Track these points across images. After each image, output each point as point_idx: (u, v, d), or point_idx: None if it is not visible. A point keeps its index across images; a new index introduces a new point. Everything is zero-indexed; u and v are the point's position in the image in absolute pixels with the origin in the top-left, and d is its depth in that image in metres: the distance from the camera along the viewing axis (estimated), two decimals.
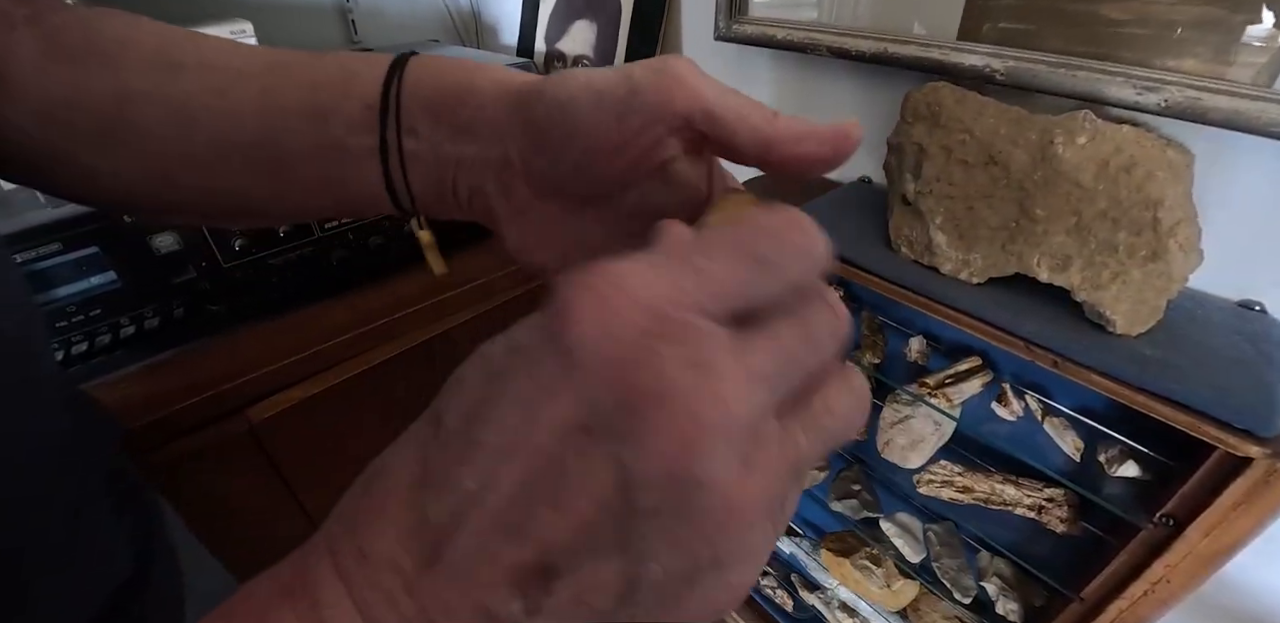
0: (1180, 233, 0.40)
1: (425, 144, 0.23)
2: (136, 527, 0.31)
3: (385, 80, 0.23)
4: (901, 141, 0.50)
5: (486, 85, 0.22)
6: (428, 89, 0.23)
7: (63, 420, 0.26)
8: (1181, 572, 0.45)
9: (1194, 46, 0.40)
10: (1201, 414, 0.37)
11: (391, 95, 0.23)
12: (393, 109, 0.23)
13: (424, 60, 0.24)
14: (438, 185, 0.24)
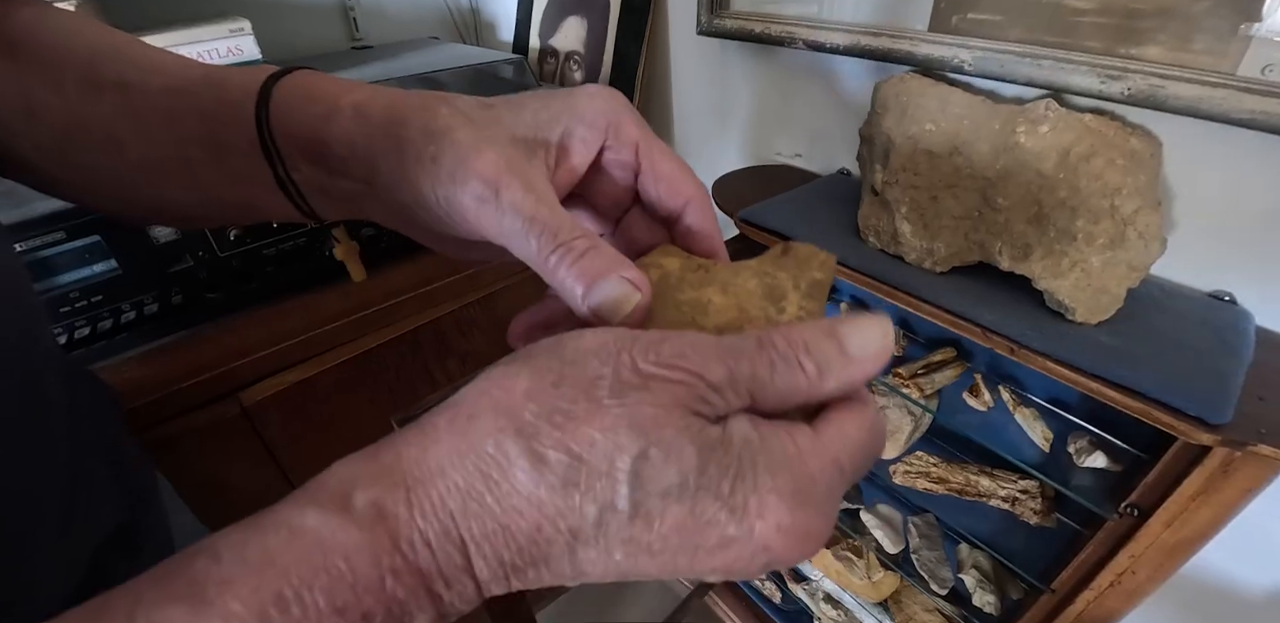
0: (1140, 221, 0.40)
1: (312, 183, 0.24)
2: (129, 494, 0.33)
3: (255, 115, 0.23)
4: (872, 132, 0.51)
5: (339, 138, 0.22)
6: (294, 129, 0.23)
7: (57, 391, 0.28)
8: (1146, 563, 0.45)
9: (1156, 34, 0.40)
10: (1154, 401, 0.37)
11: (265, 135, 0.23)
12: (272, 149, 0.23)
13: (285, 97, 0.23)
14: (346, 210, 0.25)
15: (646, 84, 0.79)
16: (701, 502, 0.14)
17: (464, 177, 0.19)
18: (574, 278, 0.18)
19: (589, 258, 0.18)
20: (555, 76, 0.90)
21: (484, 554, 0.14)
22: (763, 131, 0.71)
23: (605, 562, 0.15)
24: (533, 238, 0.19)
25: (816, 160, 0.67)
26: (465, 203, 0.19)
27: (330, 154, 0.22)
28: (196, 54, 0.72)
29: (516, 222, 0.19)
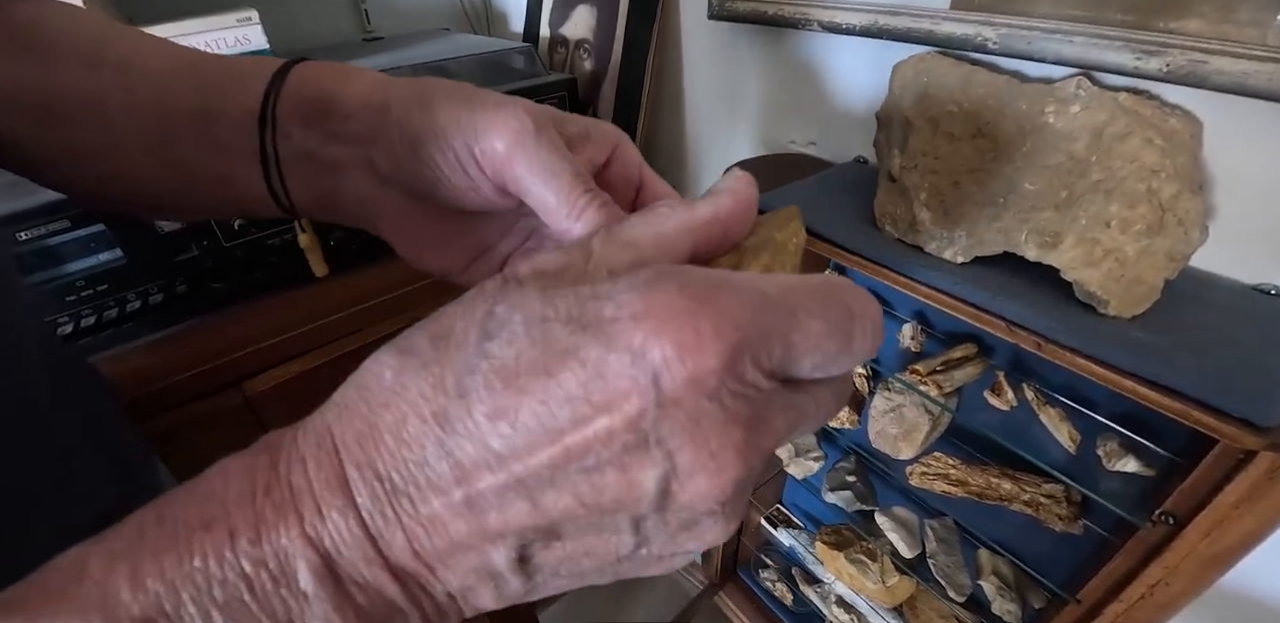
0: (1180, 207, 0.37)
1: (299, 149, 0.24)
2: (125, 479, 0.33)
3: (267, 88, 0.24)
4: (889, 115, 0.48)
5: (352, 94, 0.24)
6: (301, 97, 0.24)
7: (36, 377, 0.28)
8: (1182, 574, 0.42)
9: (1197, 5, 0.37)
10: (1194, 401, 0.34)
11: (270, 103, 0.24)
12: (269, 116, 0.24)
13: (307, 68, 0.25)
14: (317, 189, 0.25)
15: (657, 72, 0.77)
16: (552, 332, 0.13)
17: (504, 117, 0.20)
18: (602, 218, 0.19)
19: (611, 207, 0.20)
20: (565, 65, 0.89)
21: (356, 463, 0.13)
22: (776, 119, 0.69)
23: (481, 452, 0.13)
24: (568, 176, 0.19)
25: (831, 148, 0.65)
26: (497, 146, 0.20)
27: (335, 111, 0.23)
28: (205, 43, 0.72)
29: (554, 157, 0.20)
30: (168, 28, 0.69)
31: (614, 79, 0.79)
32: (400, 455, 0.13)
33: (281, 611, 0.13)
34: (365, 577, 0.13)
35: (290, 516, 0.13)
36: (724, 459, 0.13)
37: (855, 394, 0.65)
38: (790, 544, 0.84)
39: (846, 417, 0.64)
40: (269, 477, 0.13)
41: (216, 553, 0.12)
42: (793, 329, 0.13)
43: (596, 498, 0.13)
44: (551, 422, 0.12)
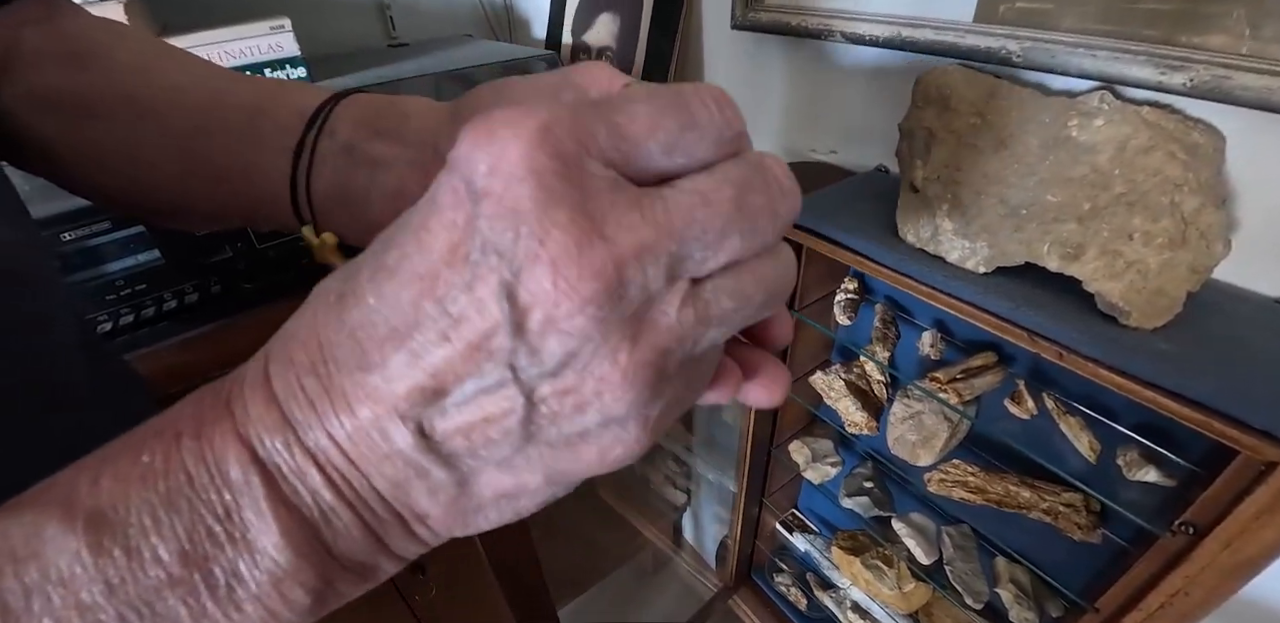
0: (1202, 220, 0.37)
1: (341, 143, 0.25)
2: None
3: (329, 97, 0.26)
4: (912, 127, 0.49)
5: (413, 102, 0.26)
6: (359, 104, 0.26)
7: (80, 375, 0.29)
8: (1202, 584, 0.43)
9: (1222, 21, 0.37)
10: (1215, 412, 0.35)
11: (327, 106, 0.26)
12: (323, 115, 0.25)
13: (366, 94, 0.27)
14: (347, 182, 0.26)
15: (679, 79, 0.78)
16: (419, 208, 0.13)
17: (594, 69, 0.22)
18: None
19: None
20: None
21: (277, 359, 0.14)
22: (798, 128, 0.70)
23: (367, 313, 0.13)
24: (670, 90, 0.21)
25: (853, 157, 0.66)
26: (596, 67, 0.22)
27: (392, 111, 0.25)
28: (239, 51, 0.74)
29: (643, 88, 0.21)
30: (202, 35, 0.71)
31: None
32: (309, 342, 0.13)
33: (219, 503, 0.13)
34: (289, 465, 0.13)
35: (224, 416, 0.14)
36: (557, 246, 0.11)
37: (873, 400, 0.65)
38: (805, 549, 0.85)
39: (864, 422, 0.64)
40: (215, 391, 0.15)
41: (164, 452, 0.13)
42: (612, 112, 0.12)
43: (461, 333, 0.12)
44: (411, 263, 0.12)
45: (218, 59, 0.73)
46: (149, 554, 0.13)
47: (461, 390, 0.12)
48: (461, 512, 0.14)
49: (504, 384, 0.12)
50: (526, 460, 0.14)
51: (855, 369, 0.66)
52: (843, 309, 0.61)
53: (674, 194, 0.13)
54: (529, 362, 0.12)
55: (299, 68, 0.78)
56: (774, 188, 0.14)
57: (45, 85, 0.28)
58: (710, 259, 0.13)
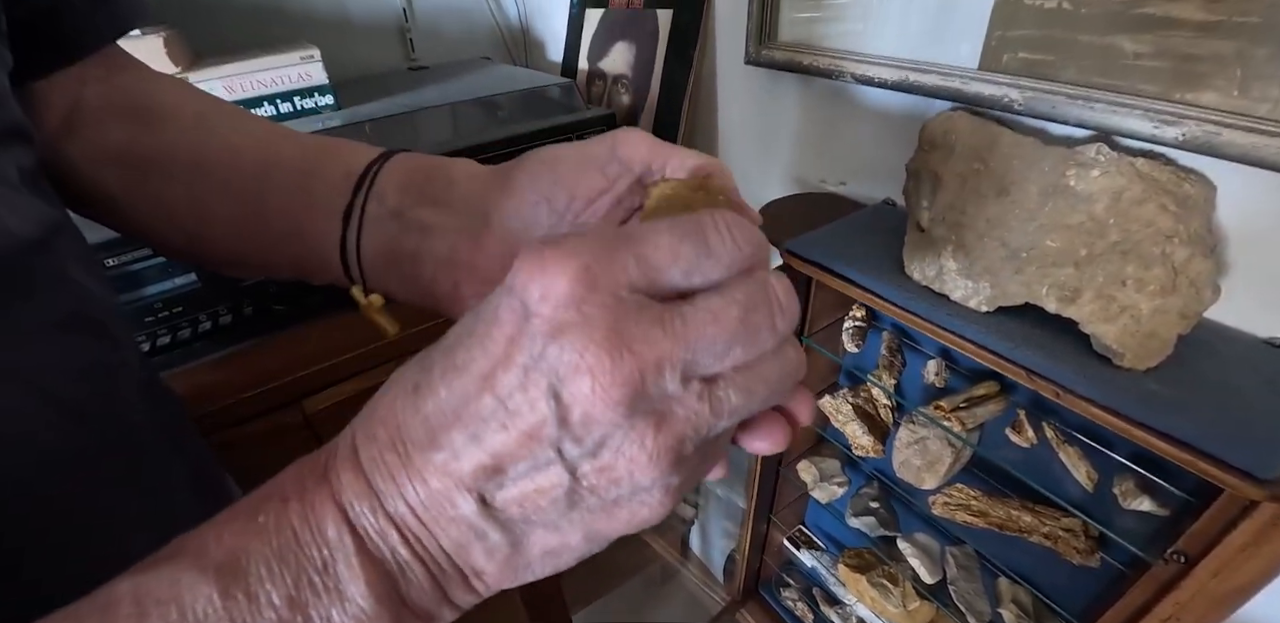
0: (1192, 269, 0.40)
1: (390, 208, 0.27)
2: (208, 495, 0.36)
3: (375, 158, 0.27)
4: (919, 168, 0.51)
5: (459, 167, 0.27)
6: (405, 167, 0.27)
7: (142, 403, 0.30)
8: (1192, 611, 0.45)
9: (1213, 80, 0.40)
10: (1201, 452, 0.37)
11: (374, 168, 0.27)
12: (369, 178, 0.27)
13: (411, 154, 0.28)
14: (396, 247, 0.27)
15: (693, 110, 0.80)
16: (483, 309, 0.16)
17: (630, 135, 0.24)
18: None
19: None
20: (603, 98, 0.93)
21: (364, 435, 0.17)
22: (808, 160, 0.72)
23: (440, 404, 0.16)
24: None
25: (861, 189, 0.68)
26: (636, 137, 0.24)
27: (438, 177, 0.27)
28: (270, 80, 0.77)
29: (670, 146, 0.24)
30: (236, 66, 0.74)
31: (650, 115, 0.83)
32: (389, 422, 0.16)
33: (319, 558, 0.16)
34: (374, 526, 0.16)
35: (323, 483, 0.17)
36: (594, 359, 0.14)
37: (879, 424, 0.68)
38: (812, 565, 0.87)
39: (871, 445, 0.66)
40: (314, 462, 0.17)
41: (275, 514, 0.16)
42: (640, 244, 0.15)
43: (516, 424, 0.15)
44: (477, 365, 0.15)
45: (250, 88, 0.76)
46: (264, 599, 0.15)
47: (516, 469, 0.16)
48: (513, 568, 0.17)
49: (551, 463, 0.15)
50: (569, 523, 0.17)
51: (862, 394, 0.68)
52: (851, 336, 0.64)
53: (690, 312, 0.15)
54: (572, 446, 0.15)
55: (327, 95, 0.81)
56: (775, 306, 0.17)
57: (109, 143, 0.30)
58: (718, 364, 0.16)
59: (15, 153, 0.25)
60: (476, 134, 0.78)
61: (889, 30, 0.56)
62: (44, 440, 0.23)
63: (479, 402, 0.15)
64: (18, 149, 0.25)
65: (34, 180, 0.26)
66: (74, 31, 0.30)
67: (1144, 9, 0.41)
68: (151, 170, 0.30)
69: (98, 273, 0.29)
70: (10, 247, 0.22)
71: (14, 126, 0.25)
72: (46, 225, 0.25)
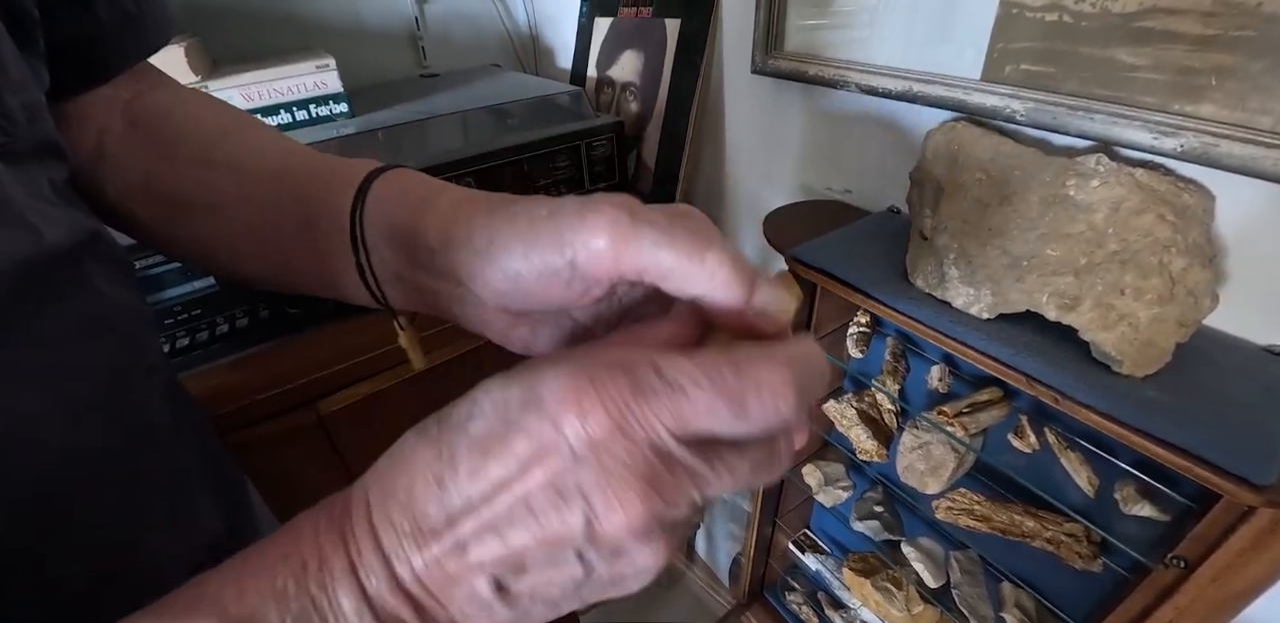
0: (1189, 279, 0.40)
1: (390, 269, 0.26)
2: (227, 496, 0.37)
3: (351, 208, 0.26)
4: (922, 178, 0.52)
5: (434, 225, 0.24)
6: (385, 224, 0.26)
7: (161, 401, 0.31)
8: (1191, 616, 0.45)
9: (1211, 92, 0.41)
10: (1197, 458, 0.37)
11: (357, 223, 0.26)
12: (360, 239, 0.26)
13: (385, 185, 0.26)
14: (414, 303, 0.27)
15: (700, 117, 0.82)
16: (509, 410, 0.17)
17: (594, 206, 0.20)
18: (741, 281, 0.19)
19: (742, 261, 0.19)
20: (611, 105, 0.94)
21: (383, 515, 0.17)
22: (814, 167, 0.73)
23: (464, 502, 0.17)
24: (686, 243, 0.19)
25: (866, 197, 0.69)
26: (599, 228, 0.19)
27: (420, 244, 0.24)
28: (286, 88, 0.79)
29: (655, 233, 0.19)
30: (253, 74, 0.76)
31: (659, 122, 0.85)
32: (410, 509, 0.17)
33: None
34: (388, 602, 0.17)
35: (340, 552, 0.17)
36: (627, 502, 0.16)
37: (884, 429, 0.68)
38: (816, 569, 0.87)
39: (875, 450, 0.67)
40: (328, 524, 0.18)
41: (295, 577, 0.17)
42: (678, 399, 0.16)
43: (544, 534, 0.16)
44: (507, 476, 0.16)
45: (266, 96, 0.78)
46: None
47: (536, 565, 0.17)
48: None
49: (570, 563, 0.17)
50: (572, 600, 0.19)
51: (867, 398, 0.69)
52: (855, 342, 0.65)
53: (711, 468, 0.17)
54: (594, 555, 0.17)
55: (342, 103, 0.83)
56: (779, 467, 0.19)
57: (135, 176, 0.31)
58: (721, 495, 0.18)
59: (50, 167, 0.26)
60: (487, 142, 0.79)
61: (893, 41, 0.57)
62: (66, 442, 0.24)
63: (505, 504, 0.17)
64: (52, 164, 0.26)
65: (67, 193, 0.27)
66: (104, 53, 0.31)
67: (1143, 22, 0.42)
68: (174, 209, 0.31)
69: (127, 280, 0.30)
70: (41, 256, 0.23)
71: (49, 142, 0.26)
72: (78, 235, 0.26)
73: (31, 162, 0.24)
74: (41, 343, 0.23)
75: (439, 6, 1.04)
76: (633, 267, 0.20)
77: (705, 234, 0.19)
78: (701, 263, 0.19)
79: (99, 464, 0.26)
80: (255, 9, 0.90)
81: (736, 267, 0.19)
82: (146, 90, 0.33)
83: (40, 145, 0.25)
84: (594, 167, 0.85)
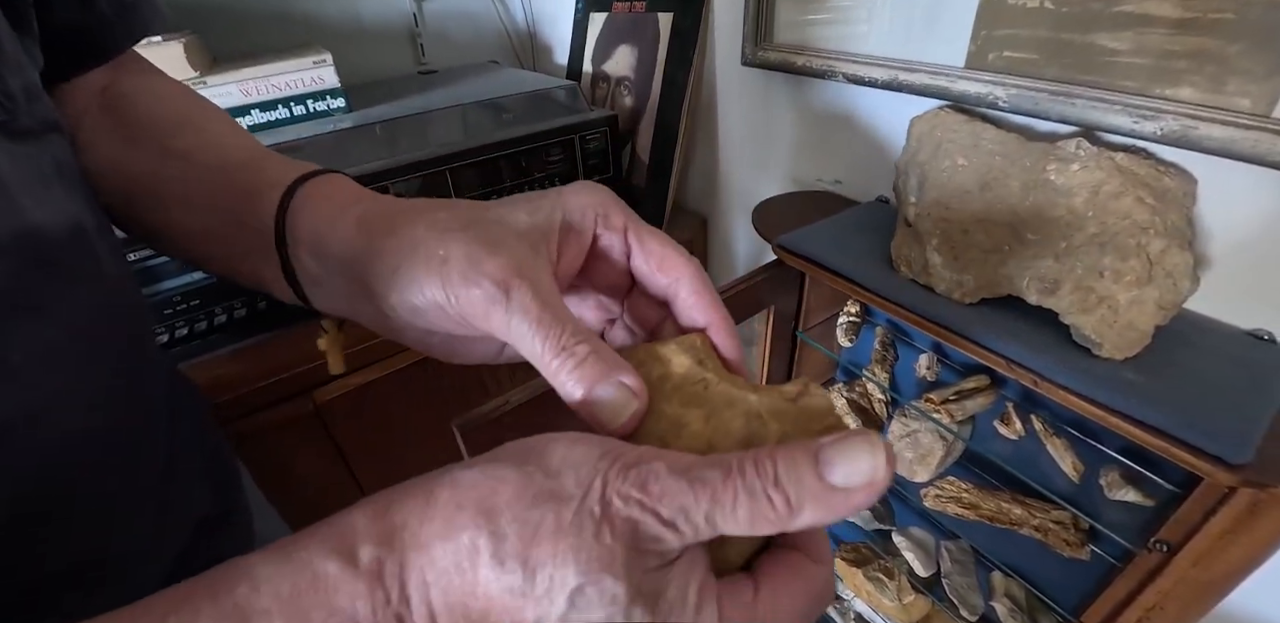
0: (1168, 260, 0.40)
1: (310, 273, 0.26)
2: (218, 478, 0.38)
3: (277, 207, 0.26)
4: (907, 165, 0.53)
5: (341, 237, 0.24)
6: (304, 226, 0.26)
7: (161, 387, 0.32)
8: (1175, 599, 0.45)
9: (1190, 76, 0.41)
10: (1175, 439, 0.38)
11: (280, 225, 0.26)
12: (284, 243, 0.26)
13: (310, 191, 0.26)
14: (334, 308, 0.27)
15: (693, 110, 0.82)
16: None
17: (476, 278, 0.20)
18: (574, 382, 0.20)
19: (589, 364, 0.20)
20: (606, 99, 0.95)
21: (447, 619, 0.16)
22: (804, 158, 0.73)
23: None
24: (538, 341, 0.20)
25: (856, 187, 0.69)
26: (476, 302, 0.20)
27: (330, 254, 0.25)
28: (284, 84, 0.80)
29: (523, 325, 0.20)
30: (251, 70, 0.77)
31: (652, 115, 0.85)
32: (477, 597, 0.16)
33: None
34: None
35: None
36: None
37: (874, 418, 0.69)
38: None
39: None
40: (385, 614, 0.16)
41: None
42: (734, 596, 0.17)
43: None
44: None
45: (264, 91, 0.79)
46: None
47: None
48: None
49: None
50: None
51: (858, 388, 0.69)
52: (844, 332, 0.65)
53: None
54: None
55: (339, 98, 0.84)
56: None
57: (101, 163, 0.31)
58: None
59: (53, 147, 0.26)
60: (482, 135, 0.80)
61: (879, 31, 0.57)
62: (79, 424, 0.24)
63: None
64: (55, 142, 0.26)
65: (69, 174, 0.27)
66: (98, 40, 0.32)
67: (1122, 7, 0.42)
68: (131, 196, 0.31)
69: (126, 266, 0.31)
70: (40, 239, 0.23)
71: (50, 120, 0.26)
72: (78, 217, 0.26)
73: (32, 140, 0.25)
74: (43, 325, 0.23)
75: (437, 4, 1.05)
76: (503, 337, 0.21)
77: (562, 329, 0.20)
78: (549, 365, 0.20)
79: (104, 447, 0.26)
80: (256, 7, 0.91)
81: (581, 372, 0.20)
82: (124, 76, 0.34)
83: (41, 124, 0.26)
84: (588, 160, 0.86)
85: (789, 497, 0.16)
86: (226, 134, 0.32)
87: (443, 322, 0.22)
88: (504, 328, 0.20)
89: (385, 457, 0.77)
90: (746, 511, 0.16)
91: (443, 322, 0.22)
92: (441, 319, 0.22)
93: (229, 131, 0.33)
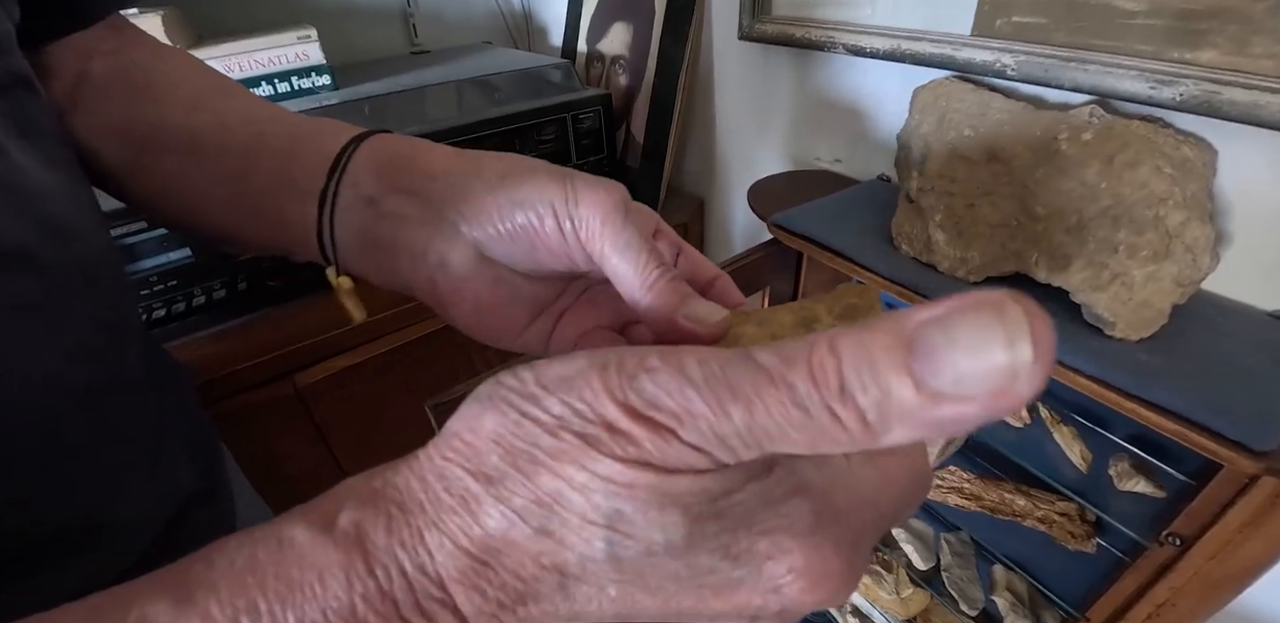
0: (1187, 234, 0.38)
1: (363, 194, 0.25)
2: (203, 457, 0.37)
3: (348, 142, 0.27)
4: (909, 137, 0.50)
5: (437, 160, 0.25)
6: (382, 151, 0.26)
7: (143, 354, 0.31)
8: (1188, 595, 0.43)
9: (1212, 37, 0.38)
10: (1192, 423, 0.35)
11: (347, 152, 0.26)
12: (343, 162, 0.26)
13: (390, 137, 0.27)
14: (367, 237, 0.26)
15: (689, 88, 0.79)
16: (697, 555, 0.13)
17: (610, 187, 0.22)
18: (672, 291, 0.21)
19: (680, 281, 0.21)
20: (601, 80, 0.92)
21: (465, 586, 0.13)
22: (803, 136, 0.71)
23: (600, 598, 0.14)
24: (644, 253, 0.21)
25: (856, 166, 0.66)
26: (600, 207, 0.21)
27: (417, 169, 0.25)
28: (268, 59, 0.78)
29: (637, 239, 0.21)
30: (234, 45, 0.75)
31: (648, 94, 0.82)
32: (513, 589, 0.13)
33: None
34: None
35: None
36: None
37: None
38: None
39: None
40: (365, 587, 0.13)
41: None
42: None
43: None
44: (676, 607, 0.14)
45: (248, 67, 0.76)
46: None
47: None
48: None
49: None
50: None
51: None
52: None
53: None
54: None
55: (324, 75, 0.81)
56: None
57: (110, 117, 0.30)
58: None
59: (21, 100, 0.25)
60: (473, 114, 0.77)
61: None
62: (62, 378, 0.24)
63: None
64: (21, 98, 0.25)
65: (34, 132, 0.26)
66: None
67: None
68: (147, 146, 0.30)
69: (107, 233, 0.31)
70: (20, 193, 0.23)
71: (19, 74, 0.26)
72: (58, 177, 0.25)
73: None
74: (43, 278, 0.24)
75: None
76: (598, 251, 0.22)
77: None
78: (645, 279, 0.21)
79: (88, 405, 0.26)
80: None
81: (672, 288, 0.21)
82: (131, 48, 0.33)
83: (9, 77, 0.25)
84: (581, 139, 0.83)
85: (863, 414, 0.11)
86: (264, 103, 0.32)
87: (521, 241, 0.23)
88: (616, 239, 0.21)
89: (367, 440, 0.75)
90: (803, 432, 0.11)
91: (521, 241, 0.23)
92: (522, 237, 0.23)
93: (265, 102, 0.32)
